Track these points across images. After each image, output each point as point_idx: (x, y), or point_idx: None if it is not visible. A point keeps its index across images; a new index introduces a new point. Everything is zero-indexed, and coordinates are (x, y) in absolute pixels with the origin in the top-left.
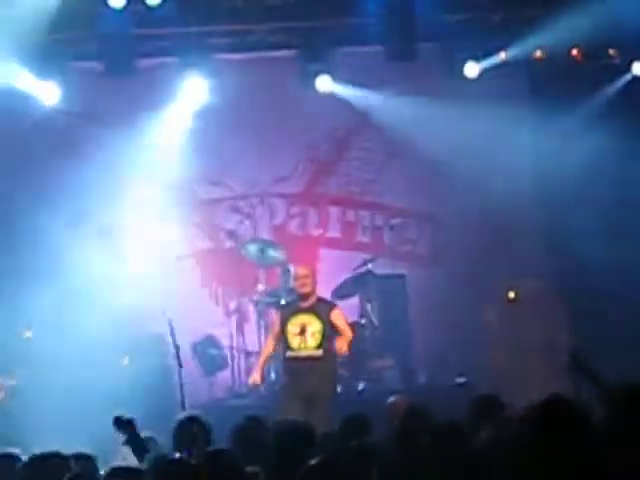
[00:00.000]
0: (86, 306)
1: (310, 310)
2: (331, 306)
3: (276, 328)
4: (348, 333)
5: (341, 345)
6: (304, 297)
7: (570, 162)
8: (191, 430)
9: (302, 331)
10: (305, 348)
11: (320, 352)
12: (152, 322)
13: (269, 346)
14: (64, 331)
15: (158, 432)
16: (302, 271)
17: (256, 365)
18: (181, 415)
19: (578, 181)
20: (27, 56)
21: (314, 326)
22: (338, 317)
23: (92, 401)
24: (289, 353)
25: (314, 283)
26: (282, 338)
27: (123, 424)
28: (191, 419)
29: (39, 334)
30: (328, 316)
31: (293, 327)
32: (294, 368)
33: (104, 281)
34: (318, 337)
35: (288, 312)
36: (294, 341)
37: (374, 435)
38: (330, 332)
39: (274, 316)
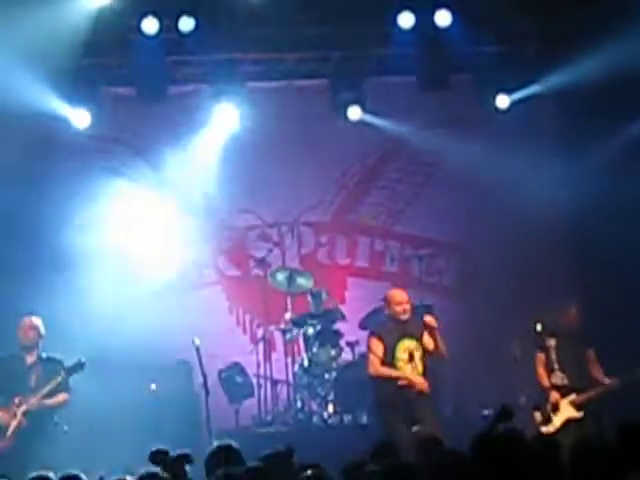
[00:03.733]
0: (113, 331)
1: (413, 335)
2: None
3: (380, 353)
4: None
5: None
6: (405, 322)
7: (601, 194)
8: (223, 458)
9: (411, 358)
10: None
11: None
12: (180, 349)
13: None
14: (89, 354)
15: None
16: (403, 296)
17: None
18: (214, 444)
19: (609, 214)
20: (60, 80)
21: (419, 352)
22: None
23: (116, 427)
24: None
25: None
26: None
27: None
28: (224, 448)
29: (66, 357)
30: (421, 339)
31: (402, 354)
32: (406, 396)
33: (131, 307)
34: (424, 362)
35: (393, 338)
36: (406, 369)
37: None
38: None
39: (372, 341)
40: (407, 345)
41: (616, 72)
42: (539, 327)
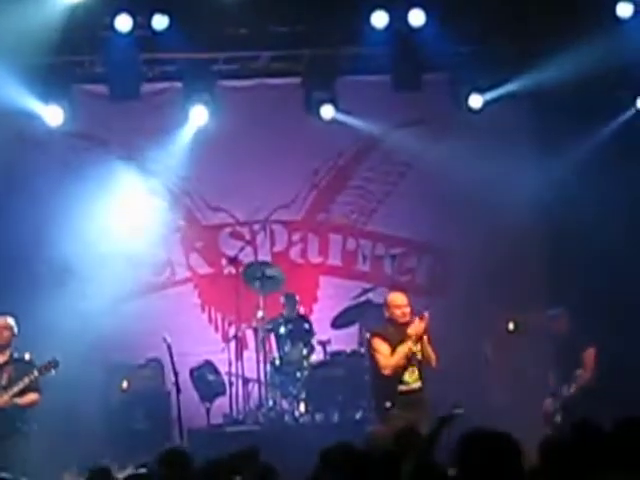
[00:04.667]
0: (85, 329)
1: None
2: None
3: (386, 351)
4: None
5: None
6: (403, 326)
7: (574, 195)
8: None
9: (410, 361)
10: (415, 381)
11: (420, 384)
12: (151, 347)
13: None
14: (60, 352)
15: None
16: (402, 299)
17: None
18: (162, 449)
19: (582, 214)
20: (33, 78)
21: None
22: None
23: (87, 425)
24: (402, 387)
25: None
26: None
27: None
28: (171, 452)
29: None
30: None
31: None
32: (407, 402)
33: (103, 305)
34: (420, 368)
35: (394, 341)
36: (406, 373)
37: None
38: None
39: (376, 341)
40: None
41: (590, 72)
42: (511, 326)
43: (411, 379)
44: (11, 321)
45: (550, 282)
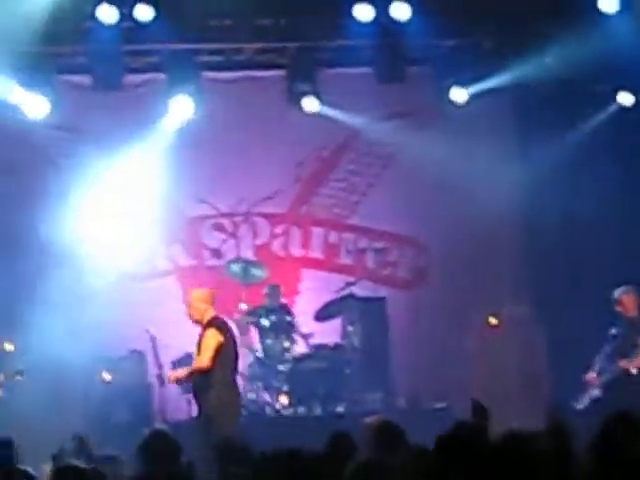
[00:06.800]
0: (62, 321)
1: None
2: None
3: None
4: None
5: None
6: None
7: (555, 187)
8: (158, 446)
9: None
10: None
11: None
12: (133, 339)
13: None
14: (42, 345)
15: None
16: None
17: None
18: (147, 431)
19: (563, 206)
20: (15, 67)
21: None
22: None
23: (67, 417)
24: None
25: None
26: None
27: None
28: (158, 435)
29: (20, 347)
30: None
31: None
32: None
33: (85, 297)
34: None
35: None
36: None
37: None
38: None
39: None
40: None
41: (572, 66)
42: (493, 320)
43: None
44: None
45: (530, 277)
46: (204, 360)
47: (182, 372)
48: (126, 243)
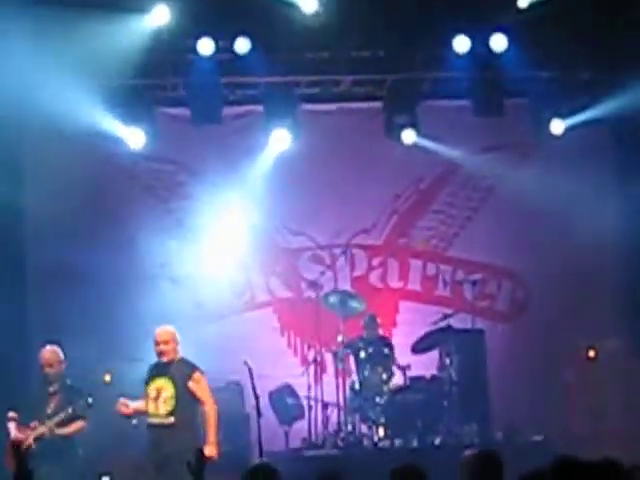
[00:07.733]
0: None
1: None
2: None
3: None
4: (209, 401)
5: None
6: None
7: None
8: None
9: (157, 396)
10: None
11: (172, 419)
12: (231, 370)
13: None
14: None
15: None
16: (161, 336)
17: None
18: (253, 463)
19: None
20: (115, 99)
21: (167, 391)
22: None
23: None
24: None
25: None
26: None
27: None
28: (262, 467)
29: (116, 379)
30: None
31: (151, 391)
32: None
33: (183, 328)
34: (171, 403)
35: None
36: (150, 406)
37: None
38: (187, 398)
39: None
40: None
41: None
42: (592, 353)
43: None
44: (58, 350)
45: (630, 309)
46: (212, 403)
47: (212, 433)
48: (224, 274)
